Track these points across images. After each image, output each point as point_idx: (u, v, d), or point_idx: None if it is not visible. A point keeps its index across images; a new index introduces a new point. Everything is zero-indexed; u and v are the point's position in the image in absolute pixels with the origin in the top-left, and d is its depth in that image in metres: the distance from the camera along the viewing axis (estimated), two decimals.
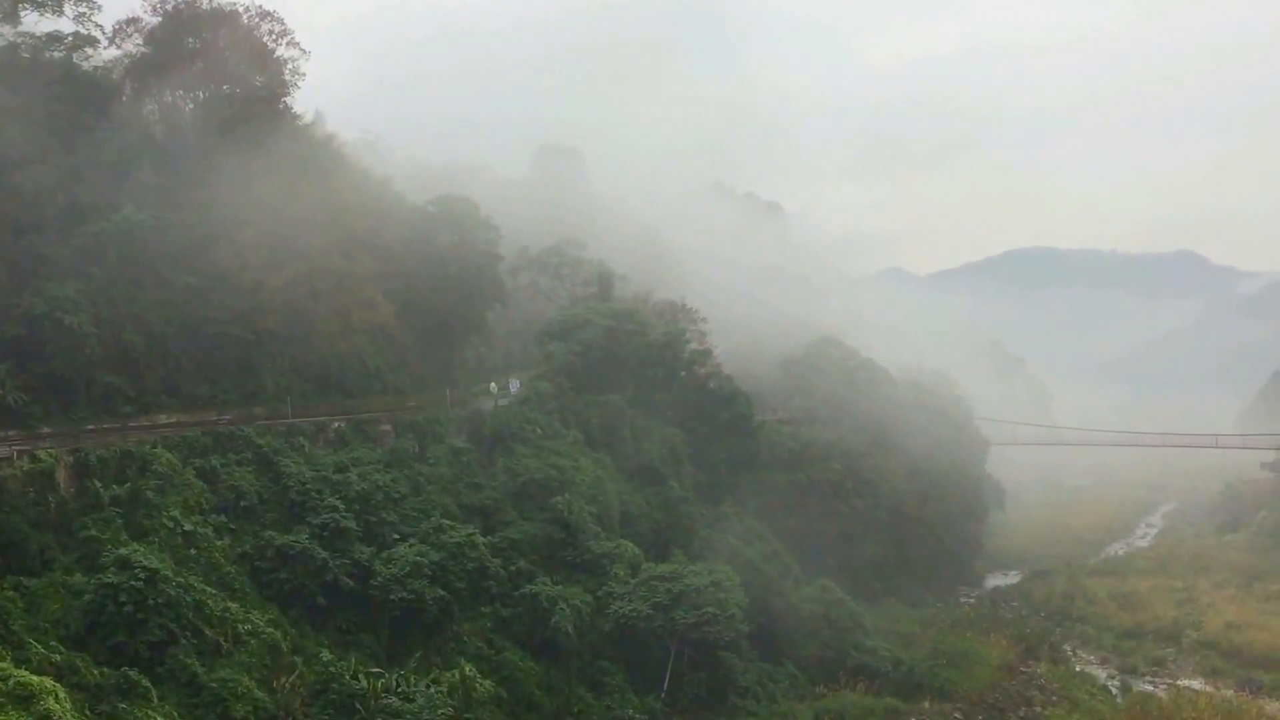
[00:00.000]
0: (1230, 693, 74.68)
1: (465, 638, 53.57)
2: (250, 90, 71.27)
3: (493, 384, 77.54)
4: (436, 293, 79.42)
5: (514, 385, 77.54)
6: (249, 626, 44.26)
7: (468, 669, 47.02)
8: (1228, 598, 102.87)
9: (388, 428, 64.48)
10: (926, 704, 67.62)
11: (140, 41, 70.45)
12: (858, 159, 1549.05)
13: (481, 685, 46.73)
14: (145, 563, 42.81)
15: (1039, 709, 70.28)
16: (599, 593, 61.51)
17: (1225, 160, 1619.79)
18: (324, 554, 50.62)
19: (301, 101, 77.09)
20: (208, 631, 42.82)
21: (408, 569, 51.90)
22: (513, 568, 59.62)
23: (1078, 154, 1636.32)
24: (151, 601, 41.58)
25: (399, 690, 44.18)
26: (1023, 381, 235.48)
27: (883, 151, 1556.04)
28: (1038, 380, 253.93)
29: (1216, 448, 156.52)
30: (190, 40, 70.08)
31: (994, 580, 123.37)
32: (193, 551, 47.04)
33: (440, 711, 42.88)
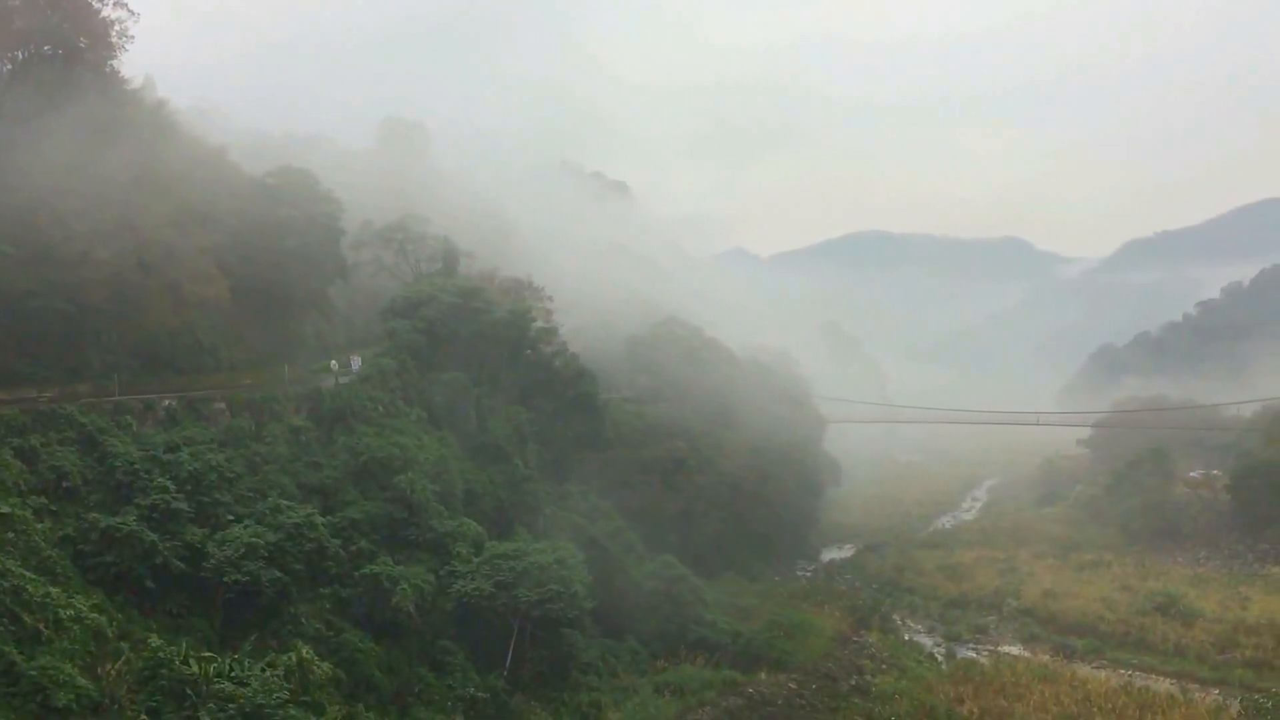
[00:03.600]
0: (1046, 657, 78.80)
1: (303, 620, 52.47)
2: (73, 52, 67.76)
3: (333, 361, 75.92)
4: (275, 267, 77.20)
5: (355, 362, 76.09)
6: (71, 612, 42.41)
7: (305, 651, 45.99)
8: (1046, 567, 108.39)
9: (222, 406, 62.46)
10: (763, 675, 69.32)
11: None
12: (701, 141, 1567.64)
13: (319, 667, 45.80)
14: None
15: (869, 677, 72.73)
16: (441, 572, 61.08)
17: (1048, 151, 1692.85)
18: (153, 536, 48.84)
19: (130, 66, 73.80)
20: (26, 618, 40.83)
21: (242, 551, 50.50)
22: (353, 548, 58.66)
23: (909, 142, 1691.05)
24: None
25: (232, 674, 42.94)
26: (859, 361, 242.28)
27: (725, 134, 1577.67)
28: (873, 359, 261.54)
29: (1037, 425, 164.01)
30: None
31: (830, 554, 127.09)
32: (10, 535, 44.69)
33: (276, 695, 41.90)
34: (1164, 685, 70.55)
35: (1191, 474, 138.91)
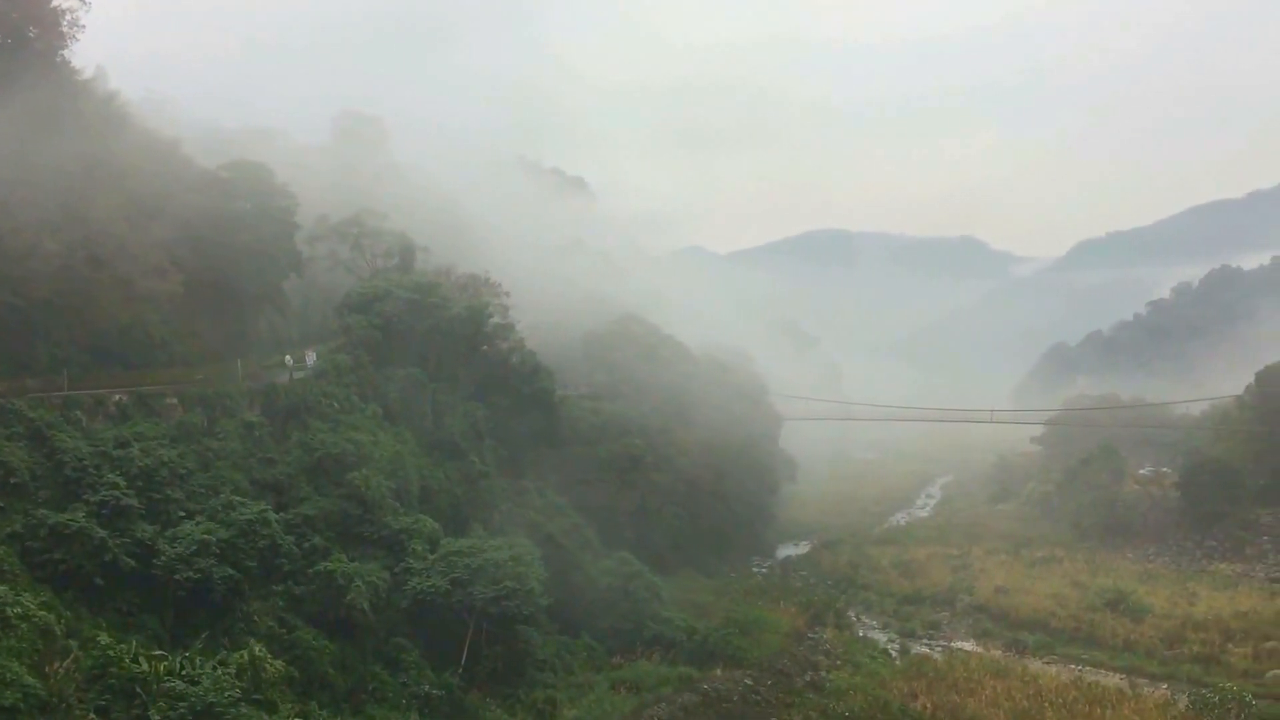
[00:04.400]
0: (999, 653, 79.70)
1: (255, 617, 51.99)
2: (22, 41, 66.65)
3: (288, 356, 75.26)
4: (228, 261, 76.44)
5: (310, 358, 75.47)
6: (19, 610, 41.74)
7: (257, 649, 45.58)
8: (998, 564, 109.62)
9: (174, 401, 61.68)
10: (719, 671, 69.54)
11: None
12: (660, 138, 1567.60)
13: (272, 665, 45.40)
14: None
15: (824, 673, 73.17)
16: (396, 569, 60.72)
17: (1004, 152, 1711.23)
18: (103, 533, 48.18)
19: (82, 56, 72.73)
20: None
21: (194, 547, 49.92)
22: (307, 545, 58.16)
23: (866, 141, 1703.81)
24: None
25: (183, 673, 42.50)
26: (816, 358, 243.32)
27: (684, 131, 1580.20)
28: (830, 357, 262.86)
29: (991, 422, 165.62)
30: None
31: (785, 550, 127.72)
32: None
33: (227, 693, 41.48)
34: (1113, 680, 71.51)
35: (1141, 471, 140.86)
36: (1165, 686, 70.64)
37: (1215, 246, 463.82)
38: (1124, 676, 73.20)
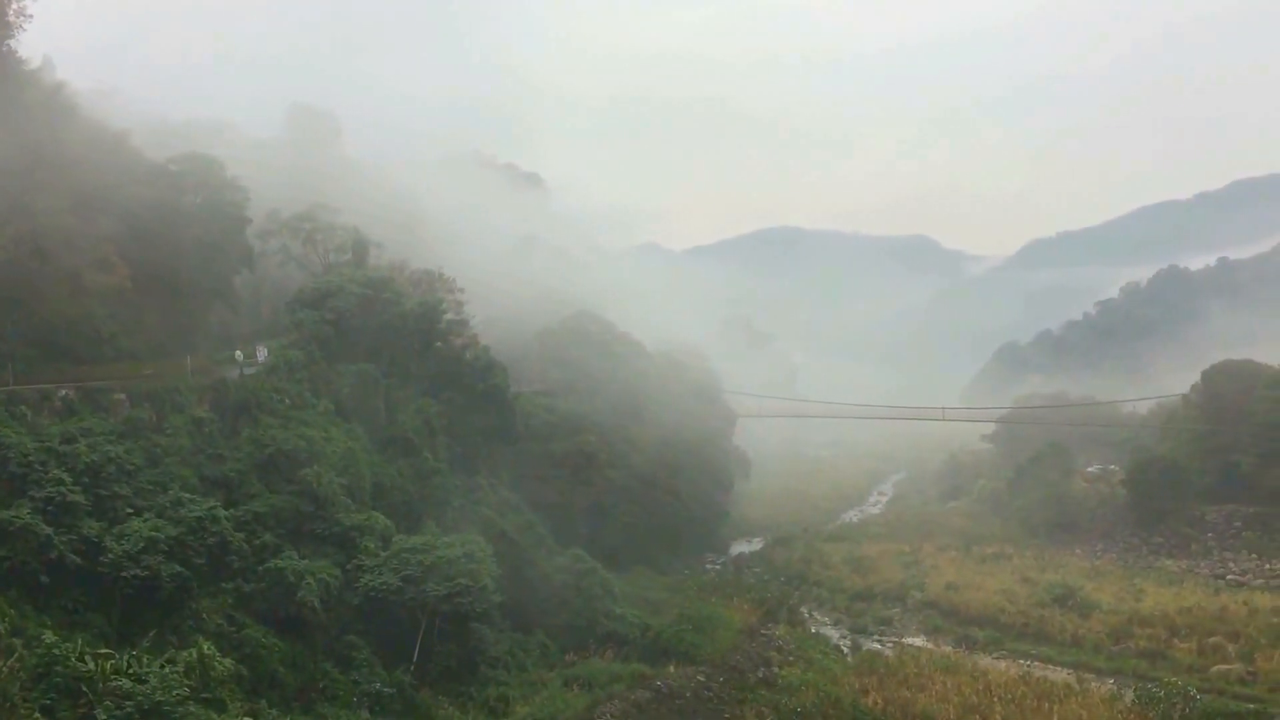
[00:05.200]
0: (949, 649, 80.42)
1: (204, 615, 51.48)
2: None
3: (238, 352, 74.40)
4: (178, 255, 75.59)
5: (261, 353, 74.65)
6: None
7: (206, 647, 45.06)
8: (949, 560, 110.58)
9: (122, 397, 60.89)
10: (672, 668, 69.63)
11: None
12: (616, 134, 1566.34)
13: (221, 664, 44.92)
14: None
15: (776, 669, 73.40)
16: (348, 566, 60.34)
17: (957, 150, 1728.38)
18: (48, 530, 47.49)
19: (28, 46, 71.62)
20: None
21: (142, 545, 49.30)
22: (257, 542, 57.64)
23: (822, 139, 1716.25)
24: None
25: (130, 671, 41.96)
26: (770, 356, 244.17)
27: (641, 128, 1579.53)
28: (785, 355, 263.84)
29: (943, 420, 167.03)
30: None
31: (739, 547, 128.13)
32: None
33: (175, 692, 40.98)
34: (1061, 675, 72.30)
35: (1090, 469, 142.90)
36: (1112, 681, 71.66)
37: (1163, 247, 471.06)
38: (1071, 671, 74.04)
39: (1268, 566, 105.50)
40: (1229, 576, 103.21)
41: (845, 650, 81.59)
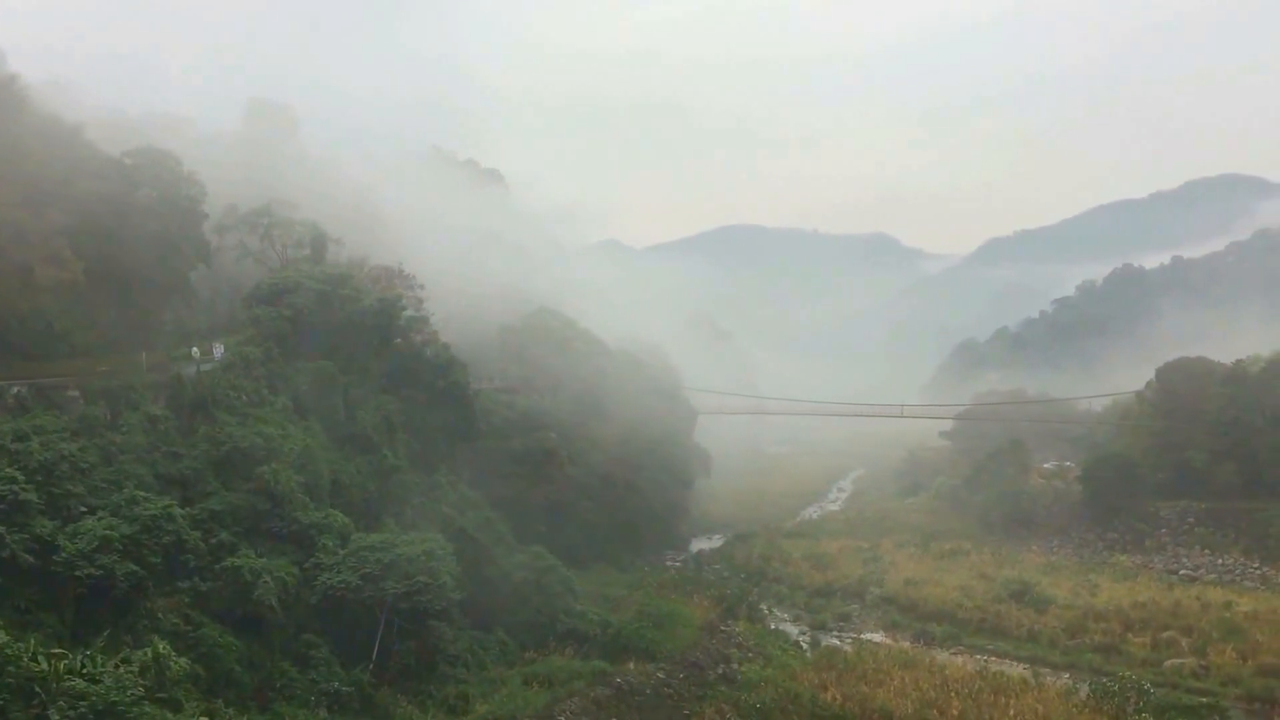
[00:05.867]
0: (907, 644, 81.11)
1: (160, 614, 50.89)
2: None
3: (194, 348, 73.68)
4: (133, 251, 74.61)
5: (218, 350, 73.90)
6: None
7: (161, 647, 44.54)
8: (907, 556, 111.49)
9: (75, 393, 60.11)
10: (632, 665, 69.68)
11: None
12: (578, 130, 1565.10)
13: (177, 663, 44.41)
14: None
15: (736, 665, 73.74)
16: (306, 564, 59.86)
17: (911, 152, 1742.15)
18: (0, 528, 46.89)
19: None
20: None
21: (96, 543, 48.68)
22: (214, 540, 57.05)
23: (779, 140, 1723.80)
24: None
25: (84, 671, 41.39)
26: (731, 353, 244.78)
27: (603, 124, 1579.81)
28: (745, 352, 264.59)
29: (902, 417, 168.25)
30: None
31: (699, 544, 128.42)
32: None
33: (130, 692, 40.48)
34: (1018, 670, 73.18)
35: (1046, 465, 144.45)
36: (1067, 676, 72.61)
37: (1119, 245, 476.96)
38: (1028, 666, 74.95)
39: (1220, 562, 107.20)
40: (1182, 571, 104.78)
41: (804, 646, 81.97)
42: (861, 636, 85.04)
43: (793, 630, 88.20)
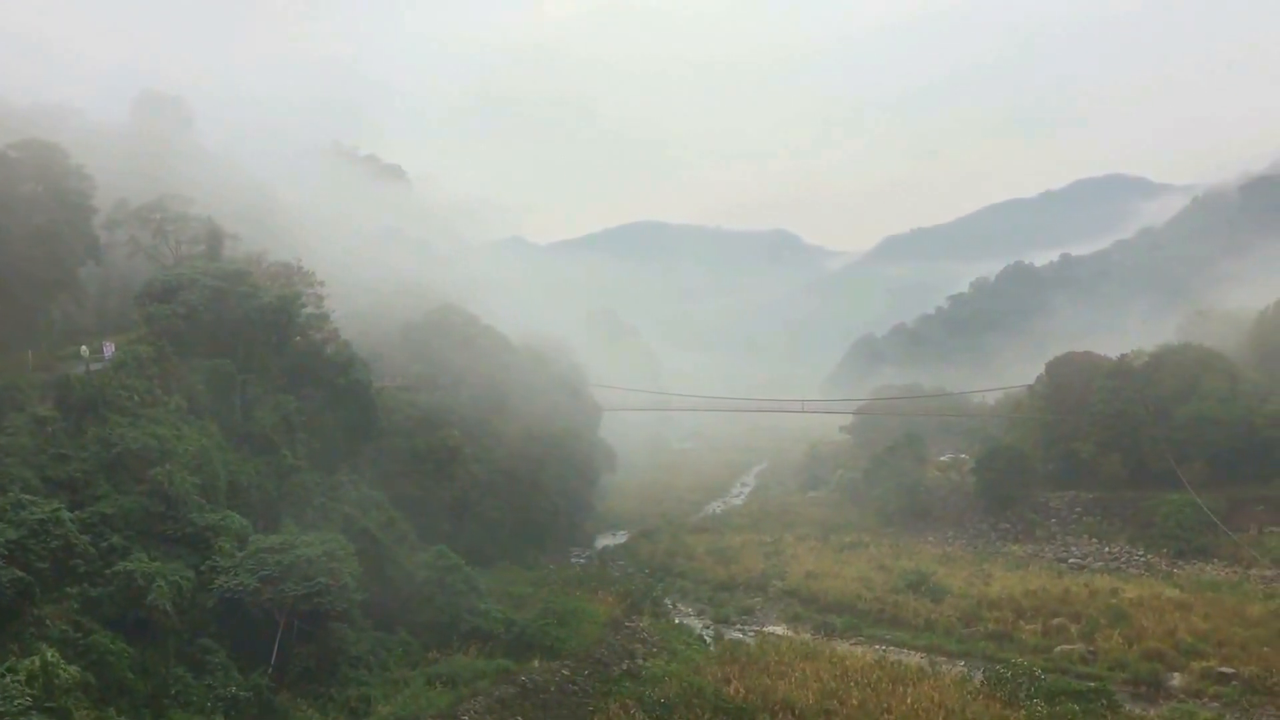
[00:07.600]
0: (808, 636, 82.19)
1: (48, 621, 49.38)
2: None
3: (84, 347, 71.54)
4: (17, 246, 72.36)
5: (108, 349, 71.88)
6: None
7: (49, 655, 43.27)
8: (809, 549, 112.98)
9: None
10: (537, 662, 69.48)
11: None
12: (480, 126, 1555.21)
13: (66, 671, 43.20)
14: None
15: (640, 661, 73.98)
16: (202, 568, 58.55)
17: (811, 150, 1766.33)
18: None
19: None
20: None
21: None
22: (105, 544, 55.54)
23: (685, 139, 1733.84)
24: None
25: None
26: (635, 348, 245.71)
27: (505, 121, 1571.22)
28: (648, 347, 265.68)
29: (803, 412, 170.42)
30: None
31: (604, 540, 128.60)
32: None
33: (17, 702, 39.33)
34: (915, 659, 74.48)
35: (942, 458, 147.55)
36: (962, 664, 74.17)
37: (1010, 243, 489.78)
38: (925, 655, 76.35)
39: (1106, 550, 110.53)
40: (1071, 560, 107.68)
41: (708, 640, 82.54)
42: (764, 629, 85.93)
43: (697, 625, 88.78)
